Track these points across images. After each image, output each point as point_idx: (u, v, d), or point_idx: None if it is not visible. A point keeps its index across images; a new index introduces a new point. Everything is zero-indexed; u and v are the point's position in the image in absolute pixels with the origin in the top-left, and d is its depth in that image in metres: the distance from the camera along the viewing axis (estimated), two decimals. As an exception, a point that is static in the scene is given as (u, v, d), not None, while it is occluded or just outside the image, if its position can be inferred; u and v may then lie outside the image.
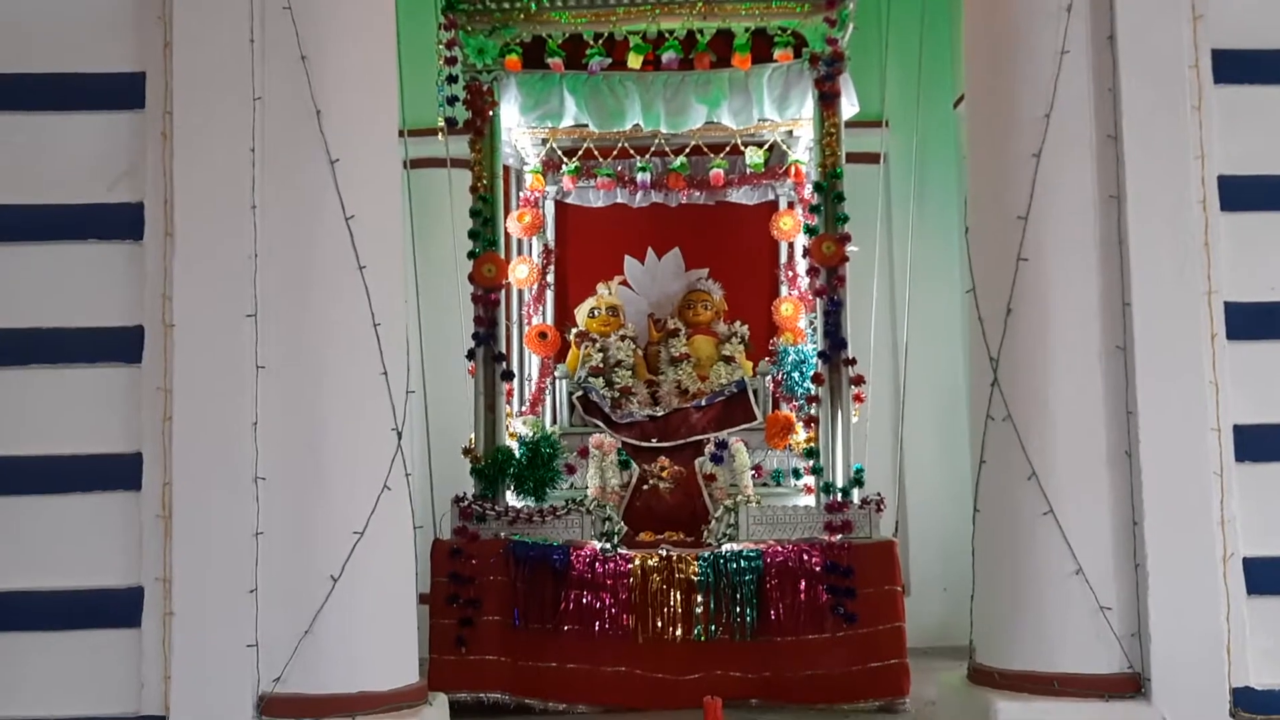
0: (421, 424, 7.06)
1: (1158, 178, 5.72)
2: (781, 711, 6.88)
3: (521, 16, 7.79)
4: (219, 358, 5.51)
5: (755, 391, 8.33)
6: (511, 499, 7.51)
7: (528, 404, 8.51)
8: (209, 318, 5.51)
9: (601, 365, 8.47)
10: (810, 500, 7.58)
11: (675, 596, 7.01)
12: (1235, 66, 5.85)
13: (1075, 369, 5.75)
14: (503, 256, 7.74)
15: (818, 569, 6.98)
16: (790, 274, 8.67)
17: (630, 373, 8.49)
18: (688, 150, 8.66)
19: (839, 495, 7.28)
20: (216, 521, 5.43)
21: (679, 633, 6.99)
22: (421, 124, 7.51)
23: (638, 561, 7.05)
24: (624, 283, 8.91)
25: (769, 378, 8.37)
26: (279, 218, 5.60)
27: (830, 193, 7.54)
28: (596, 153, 8.66)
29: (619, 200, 8.84)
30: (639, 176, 8.66)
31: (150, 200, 5.61)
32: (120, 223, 5.62)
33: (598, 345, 8.54)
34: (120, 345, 5.57)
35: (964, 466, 6.96)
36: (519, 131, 8.53)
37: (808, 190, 8.19)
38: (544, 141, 8.71)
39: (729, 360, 8.51)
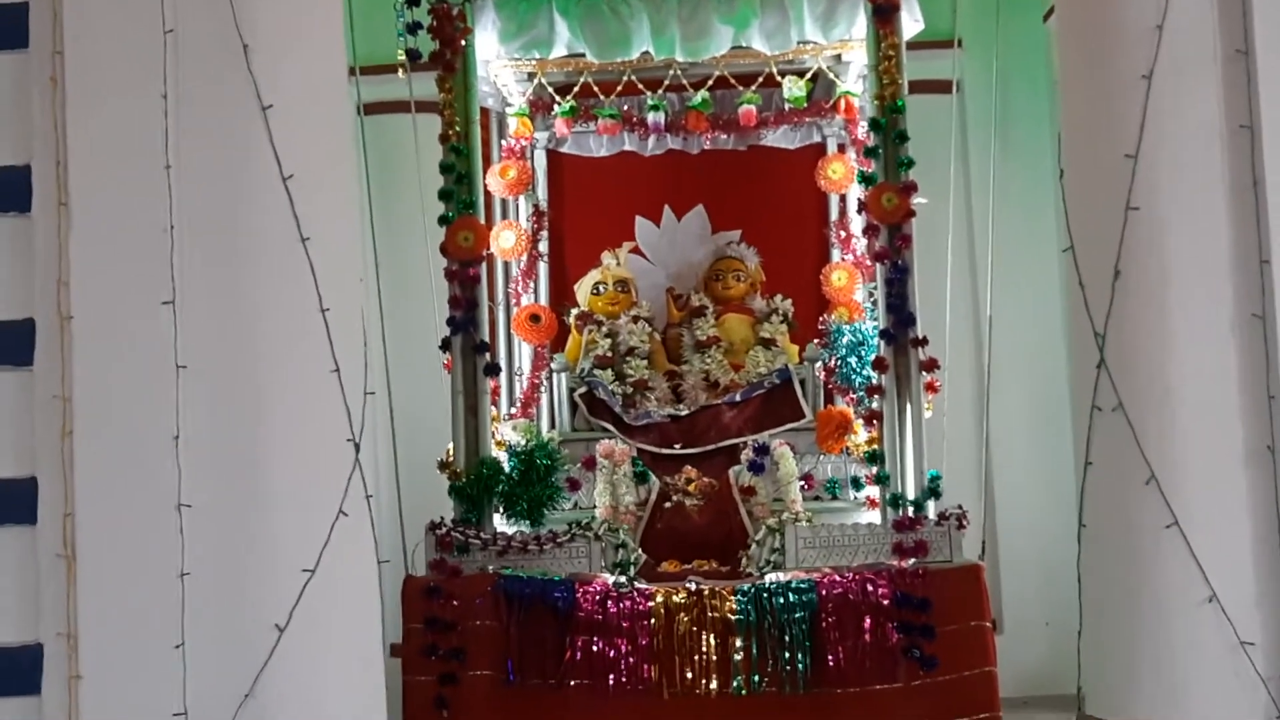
0: (386, 432, 7.04)
1: (1301, 101, 5.68)
2: (844, 781, 6.86)
3: (497, -80, 7.77)
4: (129, 356, 5.51)
5: (803, 382, 8.30)
6: (501, 524, 7.49)
7: (518, 405, 8.50)
8: (115, 307, 5.52)
9: (610, 354, 8.45)
10: (875, 516, 7.54)
11: (708, 641, 6.99)
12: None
13: (1202, 344, 5.72)
14: (483, 221, 7.71)
15: (886, 602, 6.94)
16: (843, 234, 8.63)
17: (646, 363, 8.47)
18: (711, 83, 8.61)
19: (910, 509, 7.24)
20: (132, 561, 5.44)
21: (714, 686, 6.96)
22: (377, 59, 7.49)
23: (660, 598, 7.02)
24: (635, 250, 8.89)
25: (819, 365, 8.33)
26: (200, 180, 5.60)
27: (891, 131, 7.48)
28: (597, 89, 8.62)
29: (627, 147, 8.82)
30: (651, 117, 8.63)
31: (39, 162, 5.61)
32: (2, 191, 5.61)
33: (604, 329, 8.52)
34: (6, 344, 5.58)
35: (1067, 470, 6.93)
36: (499, 65, 8.50)
37: (862, 129, 8.13)
38: (530, 76, 8.68)
39: (769, 344, 8.48)
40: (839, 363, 8.22)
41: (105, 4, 5.60)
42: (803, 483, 7.86)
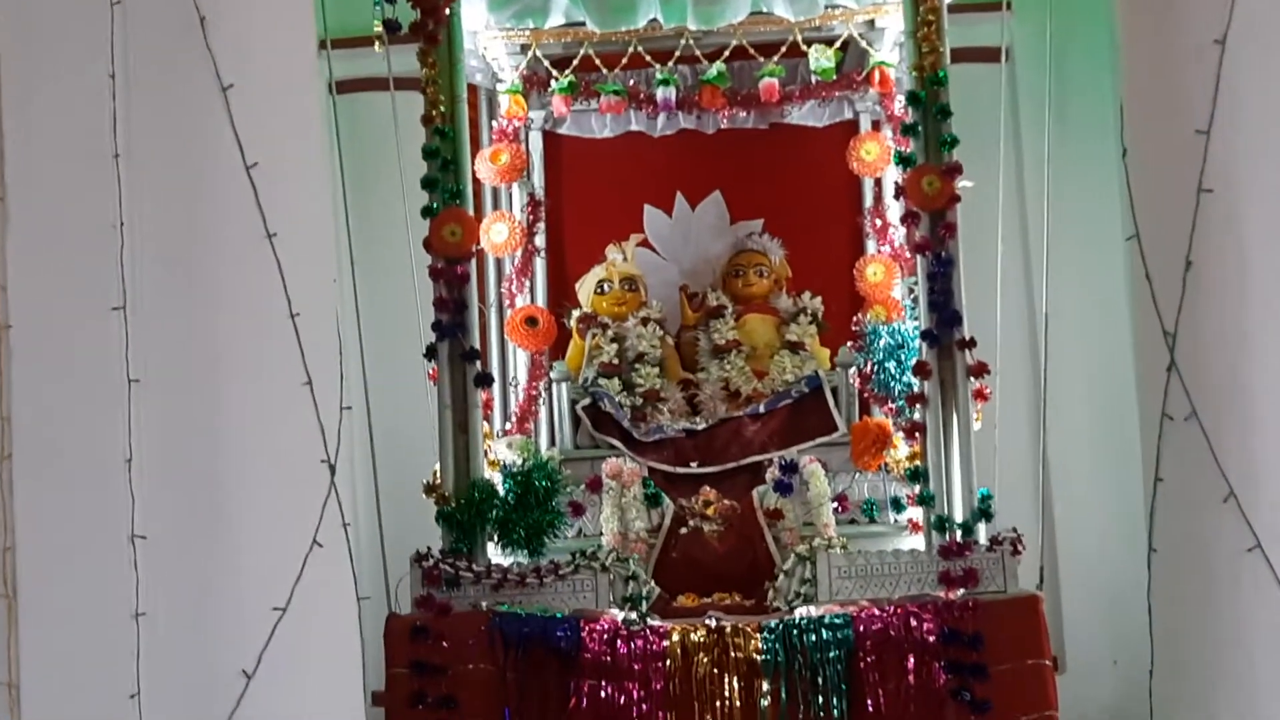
0: (365, 453, 7.06)
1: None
2: (886, 842, 6.88)
3: (485, -127, 7.81)
4: (75, 369, 5.53)
5: (835, 390, 8.32)
6: (495, 554, 7.51)
7: (513, 419, 8.52)
8: (59, 314, 5.54)
9: (616, 361, 8.47)
10: (918, 542, 7.56)
11: (731, 684, 7.00)
12: None
13: (1287, 344, 5.73)
14: (472, 213, 7.74)
15: (932, 639, 6.95)
16: (878, 223, 8.65)
17: (657, 370, 8.49)
18: (727, 54, 8.63)
19: (958, 533, 7.26)
20: (79, 600, 5.45)
21: (738, 735, 7.00)
22: (351, 30, 7.51)
23: (676, 637, 7.04)
24: (644, 244, 8.91)
25: (853, 371, 8.34)
26: (152, 170, 5.62)
27: (931, 106, 7.50)
28: (599, 62, 8.65)
29: (633, 127, 8.84)
30: (660, 93, 8.64)
31: (-30, 152, 5.64)
32: (-73, 185, 5.65)
33: (610, 333, 8.54)
34: (-64, 357, 5.59)
35: (1135, 487, 6.94)
36: (488, 36, 8.54)
37: (899, 104, 8.15)
38: (524, 49, 8.71)
39: (796, 348, 8.50)
40: (876, 368, 8.23)
41: (43, -28, 5.64)
42: (836, 504, 7.87)
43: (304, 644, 5.56)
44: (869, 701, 6.94)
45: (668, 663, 6.99)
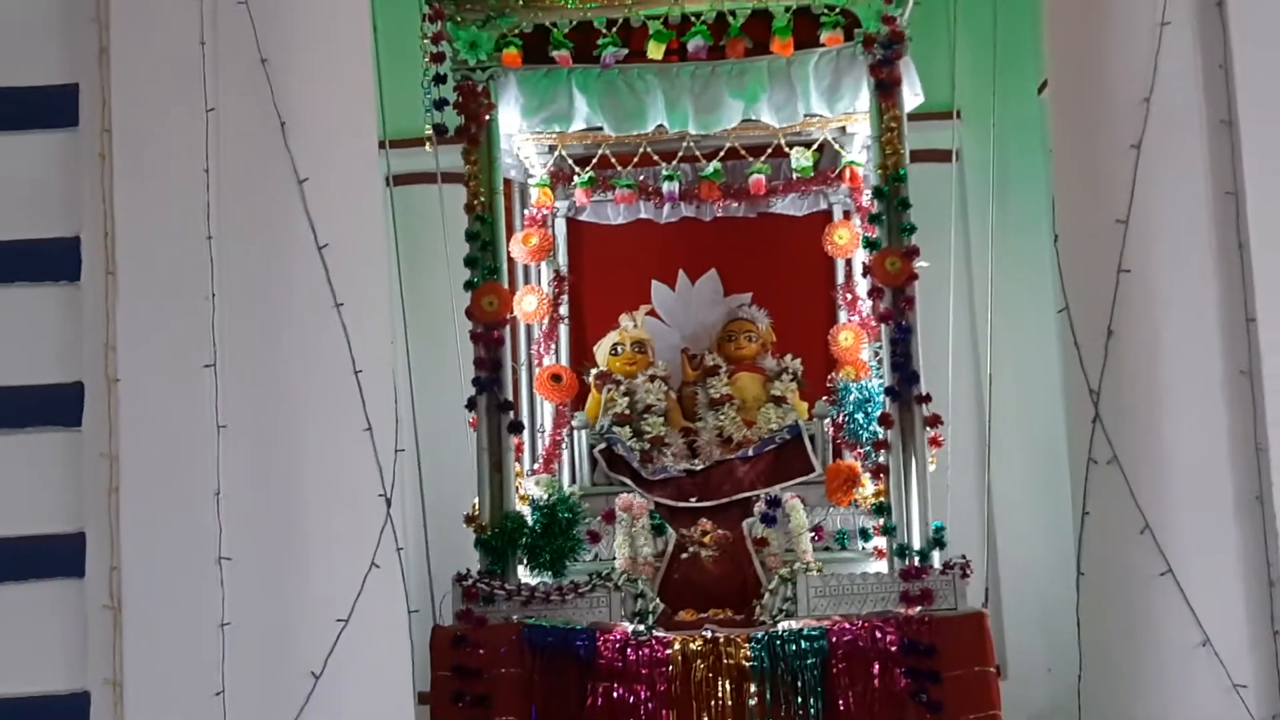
0: (415, 488, 7.07)
1: (1282, 168, 5.74)
2: (855, 821, 6.84)
3: (520, 3, 7.83)
4: (173, 417, 5.54)
5: (812, 437, 8.29)
6: (524, 575, 7.51)
7: (541, 460, 8.51)
8: (160, 370, 5.55)
9: (628, 412, 8.46)
10: (882, 566, 7.54)
11: (724, 686, 6.98)
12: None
13: (1192, 399, 5.74)
14: (506, 286, 7.76)
15: (894, 649, 6.94)
16: (849, 296, 8.65)
17: (662, 420, 8.47)
18: (722, 154, 8.64)
19: (916, 559, 7.25)
20: (175, 611, 5.45)
21: (730, 730, 6.97)
22: (406, 133, 7.54)
23: (678, 646, 7.03)
24: (652, 313, 8.90)
25: (828, 421, 8.34)
26: (240, 250, 5.65)
27: (893, 199, 7.53)
28: (614, 160, 8.67)
29: (643, 215, 8.83)
30: (665, 186, 8.66)
31: (88, 234, 5.65)
32: (53, 261, 5.66)
33: (622, 388, 8.54)
34: (56, 406, 5.60)
35: (1065, 520, 6.95)
36: (521, 138, 8.55)
37: (866, 197, 8.16)
38: (551, 149, 8.73)
39: (779, 401, 8.47)
40: (847, 419, 8.21)
41: (150, 84, 5.66)
42: (813, 534, 7.83)
43: (363, 650, 5.55)
44: (840, 702, 6.93)
45: (670, 668, 6.98)
